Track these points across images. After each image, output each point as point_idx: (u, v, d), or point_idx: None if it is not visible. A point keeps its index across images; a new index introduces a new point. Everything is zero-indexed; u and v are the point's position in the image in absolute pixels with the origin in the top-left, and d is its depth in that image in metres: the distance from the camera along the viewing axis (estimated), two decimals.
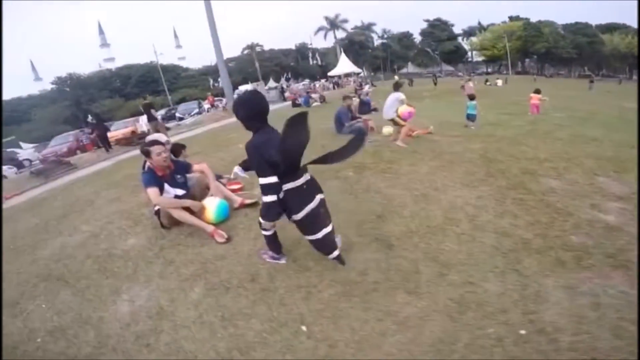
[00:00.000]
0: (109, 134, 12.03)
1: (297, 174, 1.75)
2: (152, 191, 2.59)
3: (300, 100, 16.35)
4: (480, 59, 54.68)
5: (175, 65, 45.85)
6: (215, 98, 24.27)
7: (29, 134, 29.89)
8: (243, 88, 27.58)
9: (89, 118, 10.64)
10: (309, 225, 1.84)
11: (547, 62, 49.26)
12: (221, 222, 2.85)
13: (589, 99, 15.32)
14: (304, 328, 1.67)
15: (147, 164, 2.87)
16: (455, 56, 54.26)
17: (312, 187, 1.85)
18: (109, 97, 40.39)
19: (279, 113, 12.91)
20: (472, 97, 7.43)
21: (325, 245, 1.90)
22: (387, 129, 6.00)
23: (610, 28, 46.25)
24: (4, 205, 5.92)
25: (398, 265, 2.08)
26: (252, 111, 1.75)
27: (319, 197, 1.87)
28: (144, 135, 12.71)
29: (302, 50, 55.13)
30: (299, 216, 1.79)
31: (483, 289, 1.82)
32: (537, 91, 9.59)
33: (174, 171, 2.82)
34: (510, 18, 50.36)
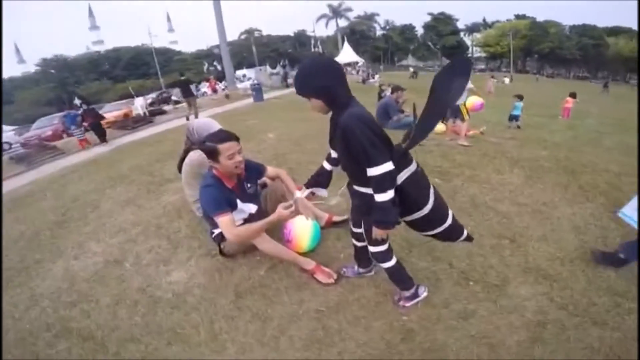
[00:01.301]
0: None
1: (408, 157, 1.33)
2: (227, 220, 1.65)
3: None
4: (481, 55, 54.87)
5: (168, 48, 45.33)
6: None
7: (10, 116, 28.29)
8: (240, 73, 27.17)
9: (76, 101, 8.86)
10: (437, 214, 1.39)
11: (547, 62, 49.40)
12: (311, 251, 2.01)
13: (604, 103, 14.99)
14: None
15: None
16: (456, 51, 54.15)
17: (421, 168, 1.41)
18: (97, 80, 40.23)
19: (289, 100, 12.54)
20: (520, 97, 7.26)
21: (456, 228, 1.47)
22: (439, 127, 5.39)
23: (616, 31, 46.32)
24: None
25: None
26: (338, 77, 1.21)
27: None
28: (140, 118, 11.58)
29: (300, 38, 54.59)
30: (427, 208, 1.33)
31: None
32: (573, 95, 9.38)
33: (245, 178, 1.91)
34: (517, 16, 50.21)
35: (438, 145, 4.83)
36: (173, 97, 21.38)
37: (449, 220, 1.42)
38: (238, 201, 1.79)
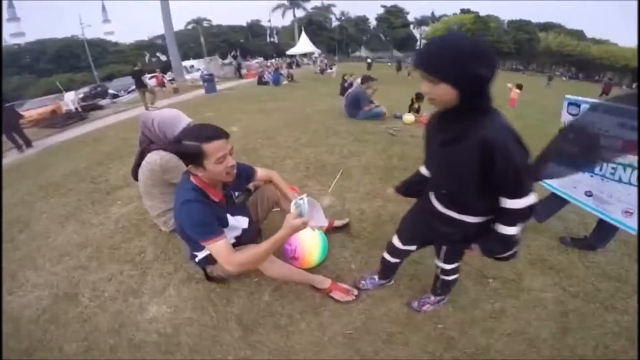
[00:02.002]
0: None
1: None
2: (223, 246, 1.27)
3: (267, 78, 14.89)
4: None
5: (102, 39, 41.90)
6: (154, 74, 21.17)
7: None
8: (187, 64, 25.83)
9: None
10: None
11: None
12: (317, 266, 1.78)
13: (547, 94, 16.46)
14: None
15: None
16: (406, 43, 56.77)
17: None
18: (17, 74, 35.94)
19: (244, 91, 11.98)
20: None
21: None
22: (409, 117, 5.79)
23: (547, 27, 51.59)
24: None
25: None
26: (494, 73, 0.85)
27: None
28: (71, 114, 10.13)
29: (253, 28, 53.35)
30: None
31: None
32: (519, 86, 10.16)
33: (233, 184, 1.52)
34: (462, 11, 53.29)
35: (412, 136, 4.96)
36: (110, 91, 19.39)
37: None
38: (228, 216, 1.44)
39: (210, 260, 1.52)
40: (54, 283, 1.85)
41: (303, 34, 30.89)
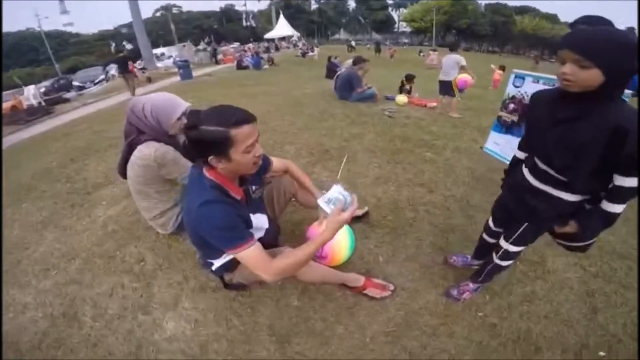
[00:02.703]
0: None
1: None
2: (256, 253, 1.05)
3: (247, 62, 14.47)
4: (405, 30, 57.76)
5: (62, 31, 40.11)
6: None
7: None
8: (158, 51, 24.81)
9: None
10: None
11: (464, 37, 54.35)
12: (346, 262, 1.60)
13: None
14: None
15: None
16: (384, 26, 56.74)
17: None
18: None
19: (223, 76, 11.51)
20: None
21: None
22: (402, 98, 5.72)
23: (522, 10, 52.76)
24: None
25: None
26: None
27: None
28: (35, 109, 9.35)
29: (228, 13, 52.31)
30: None
31: None
32: (502, 67, 10.30)
33: (250, 178, 1.28)
34: None
35: (407, 117, 4.91)
36: (75, 83, 18.15)
37: None
38: (251, 216, 1.22)
39: (228, 267, 1.31)
40: (46, 301, 1.58)
41: (281, 17, 30.25)
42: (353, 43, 26.62)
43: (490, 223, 1.47)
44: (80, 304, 1.54)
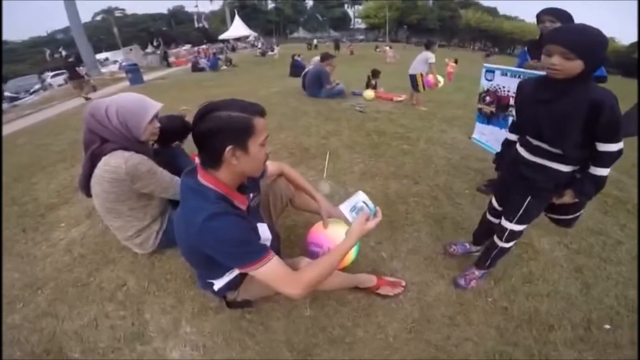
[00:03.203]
0: None
1: None
2: (277, 266, 0.94)
3: (203, 64, 14.05)
4: (360, 27, 59.34)
5: None
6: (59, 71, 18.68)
7: None
8: (101, 56, 23.07)
9: None
10: None
11: (415, 33, 56.94)
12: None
13: (475, 68, 17.92)
14: None
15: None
16: (341, 23, 57.69)
17: None
18: None
19: (179, 79, 10.93)
20: None
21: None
22: (369, 93, 5.85)
23: (466, 4, 56.26)
24: None
25: None
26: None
27: None
28: None
29: (177, 15, 50.58)
30: None
31: None
32: (455, 60, 11.09)
33: (248, 184, 1.16)
34: None
35: (378, 111, 5.00)
36: (7, 94, 16.23)
37: None
38: (258, 226, 1.10)
39: (231, 285, 1.18)
40: (21, 338, 1.34)
41: (237, 18, 29.67)
42: (315, 41, 26.60)
43: (494, 203, 1.51)
44: (63, 339, 1.32)
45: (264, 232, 1.15)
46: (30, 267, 1.77)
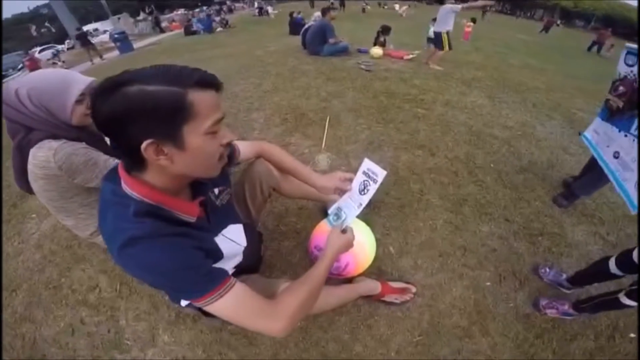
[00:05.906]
0: None
1: None
2: (244, 297, 0.69)
3: (197, 27, 13.61)
4: None
5: None
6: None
7: None
8: (90, 27, 22.37)
9: None
10: None
11: None
12: None
13: (490, 28, 16.39)
14: None
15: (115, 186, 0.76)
16: None
17: None
18: None
19: (171, 44, 10.47)
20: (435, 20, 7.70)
21: None
22: (377, 50, 5.40)
23: None
24: None
25: None
26: None
27: None
28: None
29: None
30: None
31: None
32: (474, 20, 10.80)
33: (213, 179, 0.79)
34: None
35: (387, 70, 4.59)
36: None
37: None
38: (217, 240, 0.82)
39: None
40: (5, 345, 1.26)
41: None
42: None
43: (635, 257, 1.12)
44: (44, 346, 1.24)
45: (236, 238, 0.91)
46: (4, 266, 1.63)
